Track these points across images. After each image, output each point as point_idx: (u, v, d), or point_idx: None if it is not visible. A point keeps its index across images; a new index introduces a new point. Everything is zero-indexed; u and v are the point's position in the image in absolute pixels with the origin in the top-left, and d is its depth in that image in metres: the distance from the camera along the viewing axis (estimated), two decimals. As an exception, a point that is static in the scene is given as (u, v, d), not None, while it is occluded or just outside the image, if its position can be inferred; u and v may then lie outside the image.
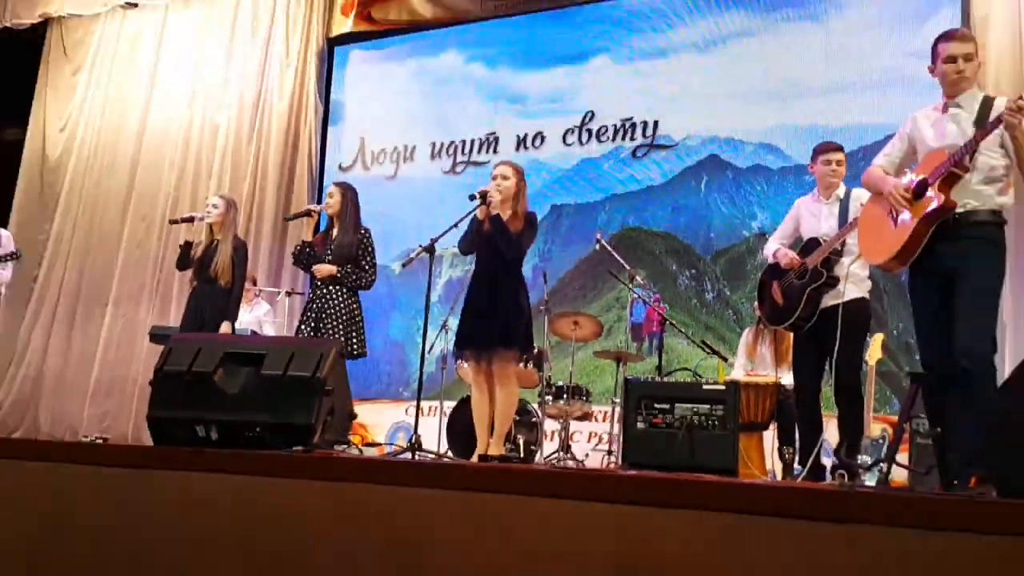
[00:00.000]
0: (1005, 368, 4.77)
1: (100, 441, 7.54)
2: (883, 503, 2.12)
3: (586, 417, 6.74)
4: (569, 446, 6.39)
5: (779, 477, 5.57)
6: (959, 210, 3.84)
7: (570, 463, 6.14)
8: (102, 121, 9.80)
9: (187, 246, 6.42)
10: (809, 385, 5.05)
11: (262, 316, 7.66)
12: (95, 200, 9.64)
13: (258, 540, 2.82)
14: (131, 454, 3.51)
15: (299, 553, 2.75)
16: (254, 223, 8.92)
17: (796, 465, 5.12)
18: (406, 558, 2.57)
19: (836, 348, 4.82)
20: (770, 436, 5.89)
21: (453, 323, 5.71)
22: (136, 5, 9.09)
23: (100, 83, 9.91)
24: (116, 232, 9.42)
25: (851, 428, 4.87)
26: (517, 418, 6.08)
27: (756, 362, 6.20)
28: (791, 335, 5.37)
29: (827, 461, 5.11)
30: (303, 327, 5.88)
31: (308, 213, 6.23)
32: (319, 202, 7.15)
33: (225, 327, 6.15)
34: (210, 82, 9.45)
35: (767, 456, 5.85)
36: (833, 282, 4.90)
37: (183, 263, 6.46)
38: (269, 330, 7.56)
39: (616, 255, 6.74)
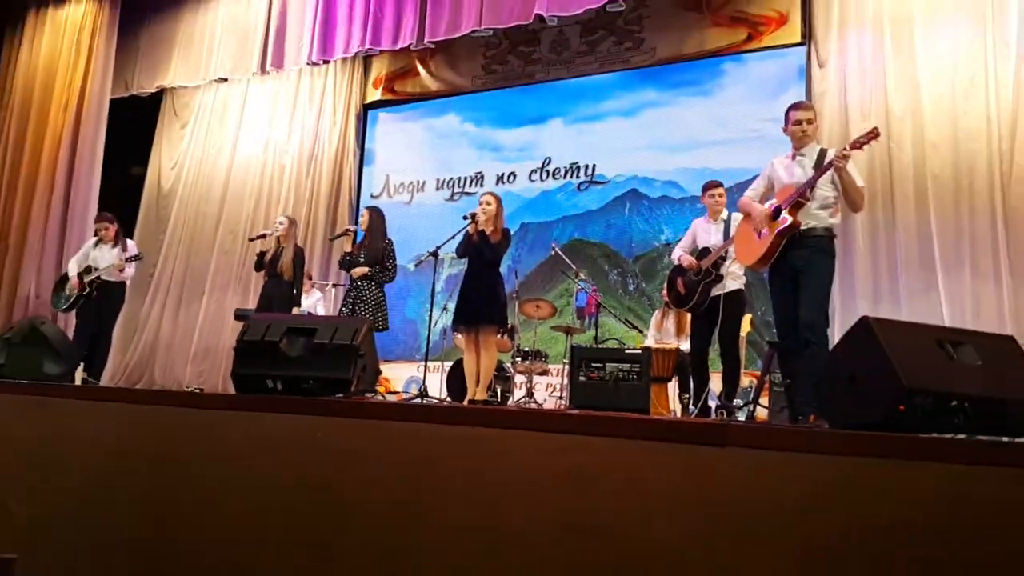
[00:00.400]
0: (835, 338, 4.81)
1: (198, 390, 7.48)
2: (751, 432, 2.13)
3: (545, 373, 6.75)
4: (533, 393, 6.40)
5: (679, 415, 5.60)
6: (803, 227, 3.89)
7: (533, 405, 6.16)
8: (201, 162, 9.69)
9: (261, 255, 6.47)
10: (701, 350, 5.09)
11: (315, 301, 7.62)
12: (195, 218, 9.53)
13: (310, 460, 2.81)
14: (221, 400, 3.49)
15: (340, 469, 2.74)
16: (310, 235, 8.84)
17: (691, 406, 5.15)
18: (418, 472, 2.57)
19: (720, 325, 4.87)
20: (673, 386, 5.93)
21: (451, 306, 5.69)
22: (226, 80, 8.96)
23: (200, 134, 9.80)
24: (210, 241, 9.33)
25: (731, 380, 4.91)
26: (496, 373, 6.09)
27: (663, 334, 6.23)
28: (689, 315, 5.40)
29: (712, 403, 5.14)
30: (344, 309, 5.86)
31: (346, 232, 6.23)
32: (356, 222, 7.13)
33: (295, 311, 6.19)
34: (279, 135, 9.36)
35: (670, 400, 5.89)
36: (719, 279, 4.94)
37: (258, 267, 6.46)
38: (320, 311, 7.53)
39: (566, 259, 6.76)
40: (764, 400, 4.92)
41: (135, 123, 9.75)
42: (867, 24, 6.49)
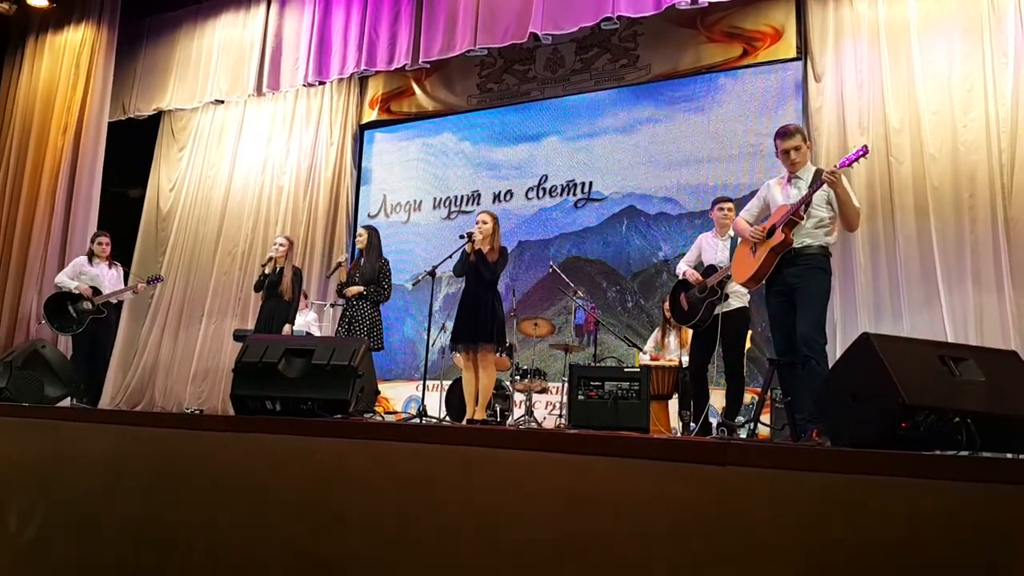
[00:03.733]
0: (836, 354, 4.79)
1: (198, 412, 7.47)
2: (751, 451, 2.11)
3: (544, 391, 6.73)
4: (532, 412, 6.37)
5: (680, 433, 5.57)
6: (797, 245, 3.91)
7: (533, 424, 6.13)
8: (199, 183, 9.71)
9: (264, 276, 6.41)
10: (700, 367, 5.07)
11: (311, 321, 7.61)
12: (194, 240, 9.54)
13: (309, 481, 2.79)
14: (219, 421, 3.47)
15: (340, 490, 2.72)
16: (307, 255, 8.86)
17: (691, 424, 5.13)
18: (417, 493, 2.55)
19: (724, 343, 4.87)
20: (674, 403, 5.90)
21: (449, 325, 5.68)
22: (223, 102, 9.02)
23: (198, 157, 9.82)
24: (209, 263, 9.33)
25: (734, 398, 4.90)
26: (495, 392, 6.06)
27: (665, 350, 6.19)
28: (691, 331, 5.39)
29: (714, 421, 5.12)
30: (340, 329, 5.85)
31: (338, 265, 6.15)
32: (353, 242, 7.11)
33: (286, 329, 6.13)
34: (276, 156, 9.38)
35: (671, 418, 5.85)
36: (724, 297, 4.93)
37: (258, 287, 6.43)
38: (315, 331, 7.51)
39: (564, 276, 6.76)
40: (766, 417, 4.89)
41: (133, 146, 9.77)
42: (863, 37, 6.52)
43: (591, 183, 7.97)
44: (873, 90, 6.40)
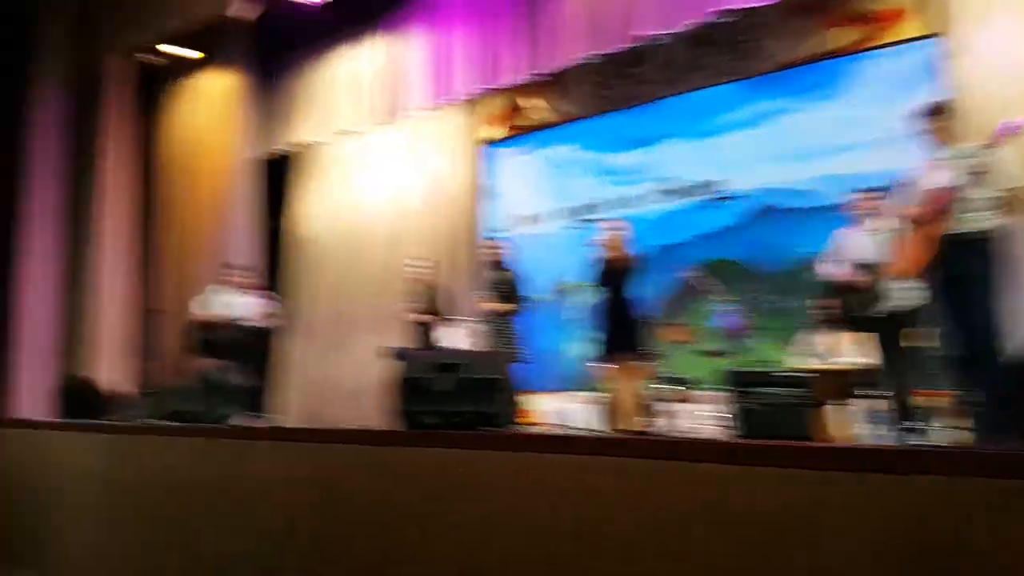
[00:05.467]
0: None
1: (364, 429, 7.78)
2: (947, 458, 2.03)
3: (689, 401, 6.50)
4: (678, 421, 6.09)
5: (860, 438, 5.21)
6: (958, 231, 3.77)
7: (684, 434, 5.90)
8: (336, 211, 10.26)
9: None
10: (875, 369, 4.84)
11: (459, 338, 7.74)
12: (334, 266, 10.11)
13: (477, 493, 2.89)
14: (383, 437, 3.63)
15: (493, 492, 2.81)
16: (449, 273, 8.95)
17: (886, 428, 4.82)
18: (562, 500, 2.60)
19: (888, 341, 4.66)
20: (843, 408, 5.55)
21: (590, 336, 5.62)
22: (350, 132, 9.53)
23: (333, 186, 10.36)
24: (353, 286, 9.85)
25: (900, 399, 4.63)
26: (640, 402, 5.96)
27: (829, 353, 5.88)
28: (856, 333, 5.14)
29: (883, 426, 4.84)
30: (487, 344, 5.97)
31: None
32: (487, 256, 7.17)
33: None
34: (404, 179, 9.79)
35: (843, 424, 5.51)
36: (884, 295, 4.65)
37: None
38: (466, 345, 7.66)
39: (701, 280, 6.61)
40: (947, 419, 4.59)
41: (269, 180, 10.33)
42: (1010, 7, 6.10)
43: (719, 181, 7.78)
44: (1018, 65, 5.97)
